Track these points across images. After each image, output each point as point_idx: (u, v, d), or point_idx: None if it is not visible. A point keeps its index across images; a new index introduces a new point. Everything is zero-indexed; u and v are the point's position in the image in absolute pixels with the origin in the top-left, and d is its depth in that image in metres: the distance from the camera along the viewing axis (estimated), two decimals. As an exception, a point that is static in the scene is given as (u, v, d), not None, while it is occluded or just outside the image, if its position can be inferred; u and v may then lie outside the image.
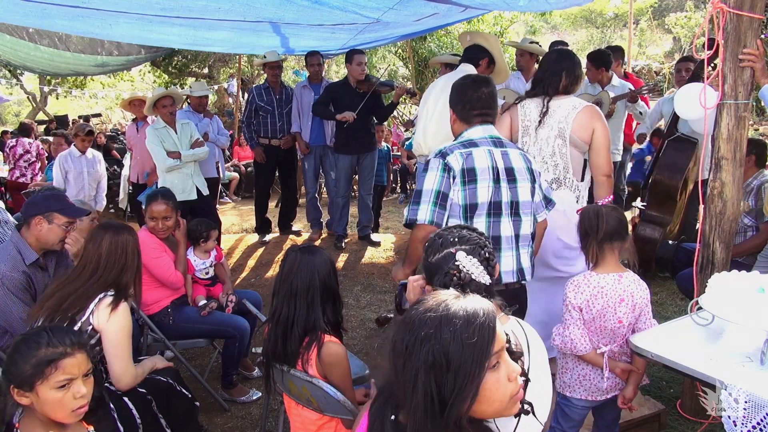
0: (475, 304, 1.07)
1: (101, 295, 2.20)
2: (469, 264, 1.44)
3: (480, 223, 2.19)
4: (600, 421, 2.31)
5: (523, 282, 2.29)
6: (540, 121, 2.80)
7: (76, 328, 2.13)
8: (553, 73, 2.81)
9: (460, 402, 1.01)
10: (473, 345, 1.02)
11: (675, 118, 4.37)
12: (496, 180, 2.19)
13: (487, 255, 1.52)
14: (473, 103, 2.30)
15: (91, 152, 5.54)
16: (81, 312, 2.17)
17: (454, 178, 2.16)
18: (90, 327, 2.16)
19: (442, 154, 2.19)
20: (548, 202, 2.36)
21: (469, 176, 2.16)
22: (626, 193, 5.75)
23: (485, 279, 1.44)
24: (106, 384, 2.20)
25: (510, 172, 2.22)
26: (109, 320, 2.17)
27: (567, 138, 2.77)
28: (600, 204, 2.19)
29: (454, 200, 2.18)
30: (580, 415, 2.22)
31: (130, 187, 6.19)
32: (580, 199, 2.88)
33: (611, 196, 2.68)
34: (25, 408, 1.54)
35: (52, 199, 2.99)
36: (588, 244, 2.11)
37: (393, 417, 1.13)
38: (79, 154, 5.33)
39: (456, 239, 1.52)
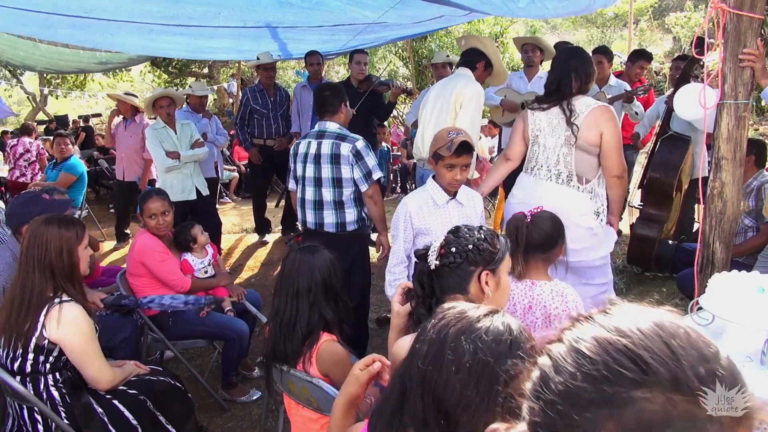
0: (507, 317, 1.06)
1: (47, 306, 2.05)
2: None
3: (300, 189, 3.17)
4: None
5: (328, 231, 3.08)
6: (565, 125, 2.77)
7: (31, 345, 2.03)
8: (564, 74, 2.78)
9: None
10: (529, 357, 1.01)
11: (667, 117, 4.37)
12: (305, 161, 3.10)
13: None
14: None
15: None
16: (32, 328, 2.04)
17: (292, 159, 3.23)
18: (46, 341, 2.05)
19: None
20: (368, 178, 3.04)
21: (294, 158, 3.19)
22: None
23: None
24: (92, 388, 2.16)
25: (317, 158, 3.05)
26: (64, 331, 2.04)
27: (572, 146, 2.76)
28: (528, 214, 2.12)
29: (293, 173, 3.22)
30: None
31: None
32: (594, 197, 2.85)
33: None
34: None
35: (29, 204, 2.89)
36: (513, 254, 2.06)
37: None
38: None
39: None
